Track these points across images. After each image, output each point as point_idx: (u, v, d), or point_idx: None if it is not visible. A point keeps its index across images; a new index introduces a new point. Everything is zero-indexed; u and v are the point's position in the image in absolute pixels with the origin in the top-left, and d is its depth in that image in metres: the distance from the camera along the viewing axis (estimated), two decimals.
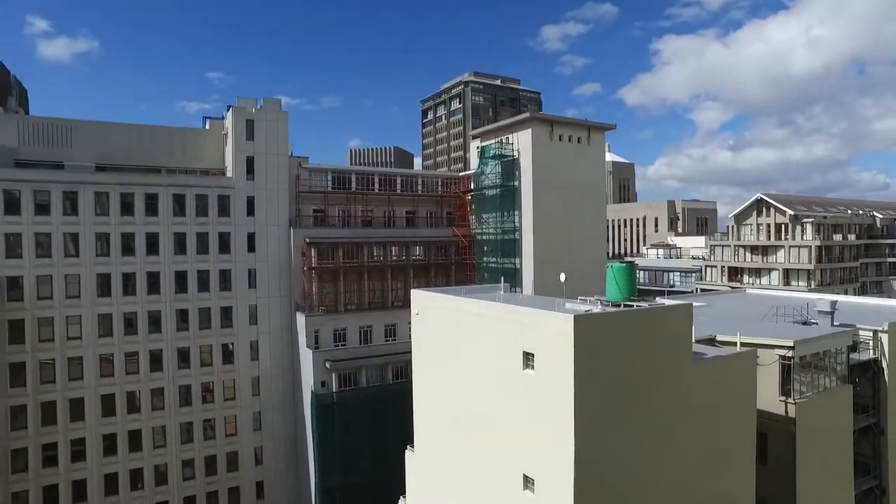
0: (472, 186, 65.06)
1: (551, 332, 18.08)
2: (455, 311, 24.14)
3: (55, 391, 47.98)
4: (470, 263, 63.69)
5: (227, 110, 56.78)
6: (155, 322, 51.69)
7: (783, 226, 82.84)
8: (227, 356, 54.71)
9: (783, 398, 25.15)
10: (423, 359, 27.25)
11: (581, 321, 17.42)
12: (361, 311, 57.07)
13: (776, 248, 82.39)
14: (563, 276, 23.98)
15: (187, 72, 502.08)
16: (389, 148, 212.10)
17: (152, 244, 51.44)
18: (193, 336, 53.17)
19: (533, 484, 19.28)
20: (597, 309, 19.75)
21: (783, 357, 25.02)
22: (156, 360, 51.72)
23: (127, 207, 50.53)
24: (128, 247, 50.58)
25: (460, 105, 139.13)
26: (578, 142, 60.57)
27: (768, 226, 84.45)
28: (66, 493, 48.35)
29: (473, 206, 65.57)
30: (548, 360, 18.37)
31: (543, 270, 54.66)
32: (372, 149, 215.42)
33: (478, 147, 64.47)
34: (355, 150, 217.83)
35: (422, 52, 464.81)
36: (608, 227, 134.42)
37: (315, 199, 59.02)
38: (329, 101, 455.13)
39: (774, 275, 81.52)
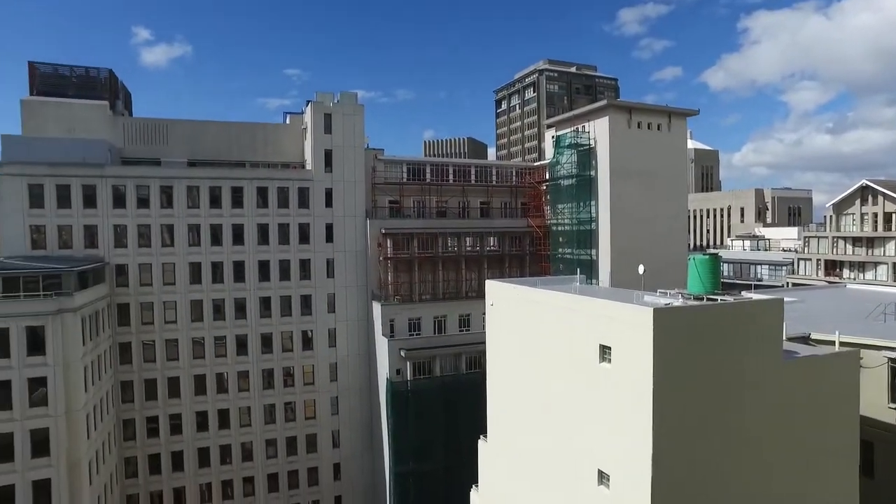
0: (548, 176, 63.94)
1: (629, 325, 17.43)
2: (530, 302, 23.82)
3: (155, 370, 52.24)
4: (545, 254, 62.77)
5: (306, 105, 58.94)
6: (240, 308, 54.83)
7: (893, 215, 75.50)
8: (307, 343, 57.16)
9: (894, 405, 22.94)
10: (497, 349, 27.14)
11: (661, 314, 16.65)
12: (436, 301, 57.80)
13: (885, 239, 75.24)
14: (641, 268, 23.05)
15: (267, 70, 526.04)
16: (463, 139, 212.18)
17: (238, 235, 54.51)
18: (275, 322, 55.95)
19: (608, 480, 18.76)
20: (678, 302, 18.82)
21: (893, 360, 22.79)
22: (241, 345, 54.94)
23: (215, 200, 53.81)
24: (216, 237, 53.90)
25: (534, 94, 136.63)
26: (658, 129, 57.94)
27: (875, 215, 77.23)
28: (166, 462, 52.73)
29: (548, 197, 64.46)
30: (625, 354, 17.75)
31: (621, 262, 52.89)
32: (446, 140, 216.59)
33: (553, 136, 63.19)
34: (429, 142, 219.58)
35: (495, 41, 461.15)
36: (690, 217, 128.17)
37: (391, 191, 60.21)
38: (403, 93, 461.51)
39: (882, 269, 74.59)
